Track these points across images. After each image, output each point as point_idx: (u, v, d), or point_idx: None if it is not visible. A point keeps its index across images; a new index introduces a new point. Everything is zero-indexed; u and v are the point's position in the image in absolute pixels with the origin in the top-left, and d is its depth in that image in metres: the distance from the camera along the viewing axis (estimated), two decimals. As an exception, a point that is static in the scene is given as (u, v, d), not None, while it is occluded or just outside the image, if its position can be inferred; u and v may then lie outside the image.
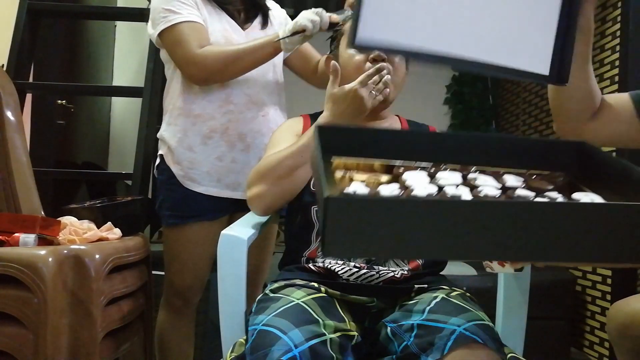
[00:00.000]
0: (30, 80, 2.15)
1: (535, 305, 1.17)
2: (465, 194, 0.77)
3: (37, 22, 2.10)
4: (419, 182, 0.81)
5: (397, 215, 0.57)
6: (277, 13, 1.57)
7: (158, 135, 1.47)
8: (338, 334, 0.88)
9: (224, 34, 1.39)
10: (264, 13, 1.50)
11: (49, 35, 2.44)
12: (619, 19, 2.20)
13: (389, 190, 0.79)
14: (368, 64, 1.20)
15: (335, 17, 1.34)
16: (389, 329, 0.96)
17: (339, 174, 0.91)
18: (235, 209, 1.42)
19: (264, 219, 1.27)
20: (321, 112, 1.33)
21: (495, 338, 0.87)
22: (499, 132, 3.57)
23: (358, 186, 0.81)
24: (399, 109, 1.36)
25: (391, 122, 1.30)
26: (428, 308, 0.94)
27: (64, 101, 2.64)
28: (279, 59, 1.49)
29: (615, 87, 2.21)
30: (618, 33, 2.19)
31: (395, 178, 0.84)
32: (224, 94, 1.40)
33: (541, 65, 0.82)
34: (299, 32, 1.31)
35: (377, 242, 0.58)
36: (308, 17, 1.31)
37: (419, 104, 3.44)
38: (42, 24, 2.16)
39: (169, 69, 1.47)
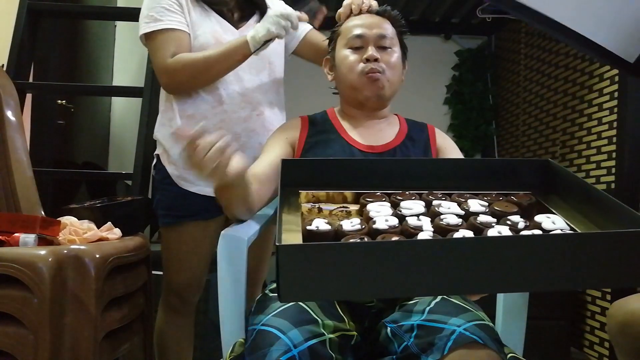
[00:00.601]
0: (30, 80, 2.15)
1: (536, 305, 1.18)
2: (426, 224, 0.82)
3: (37, 22, 2.10)
4: (381, 214, 0.86)
5: (345, 260, 0.64)
6: (277, 8, 1.56)
7: (154, 135, 1.48)
8: (337, 333, 0.88)
9: (214, 35, 1.38)
10: (262, 11, 1.49)
11: (49, 35, 2.44)
12: (619, 19, 2.20)
13: (350, 225, 0.84)
14: (362, 64, 1.20)
15: (303, 15, 1.33)
16: (388, 329, 0.95)
17: (306, 206, 0.94)
18: None
19: (264, 219, 1.27)
20: (321, 113, 1.33)
21: (496, 338, 0.87)
22: (498, 132, 3.57)
23: (320, 222, 0.85)
24: (399, 108, 1.36)
25: (390, 121, 1.30)
26: (428, 308, 0.94)
27: (64, 101, 2.64)
28: (275, 57, 1.48)
29: (616, 86, 2.21)
30: (618, 33, 2.19)
31: (362, 207, 0.90)
32: (216, 94, 1.39)
33: (629, 52, 0.80)
34: (271, 40, 1.31)
35: (329, 285, 0.64)
36: (279, 22, 1.29)
37: (419, 104, 3.44)
38: (42, 24, 2.16)
39: None
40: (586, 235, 0.70)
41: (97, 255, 1.16)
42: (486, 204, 0.89)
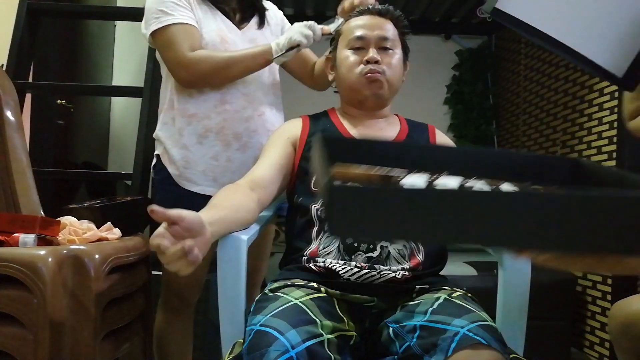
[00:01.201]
0: (30, 80, 2.15)
1: (536, 306, 1.17)
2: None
3: (36, 22, 2.10)
4: (416, 183, 0.81)
5: (397, 202, 0.60)
6: (274, 13, 1.57)
7: (154, 134, 1.47)
8: (336, 334, 0.88)
9: (220, 33, 1.39)
10: (261, 13, 1.50)
11: (49, 35, 2.44)
12: (619, 18, 2.20)
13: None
14: (361, 66, 1.20)
15: (327, 28, 1.36)
16: (390, 329, 0.95)
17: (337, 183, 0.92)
18: None
19: (263, 219, 1.27)
20: (321, 112, 1.33)
21: (499, 339, 0.87)
22: (498, 132, 3.57)
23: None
24: (399, 108, 1.36)
25: (390, 121, 1.30)
26: (431, 309, 0.94)
27: (64, 101, 2.64)
28: None
29: (615, 87, 2.21)
30: (618, 33, 2.19)
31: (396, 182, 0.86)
32: (219, 94, 1.39)
33: (618, 66, 0.82)
34: (294, 48, 1.33)
35: (378, 225, 0.62)
36: (301, 31, 1.32)
37: (419, 104, 3.44)
38: (41, 24, 2.16)
39: (164, 68, 1.47)
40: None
41: (97, 256, 1.16)
42: (516, 188, 0.88)
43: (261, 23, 1.50)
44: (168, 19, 1.34)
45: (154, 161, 1.48)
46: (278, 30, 1.54)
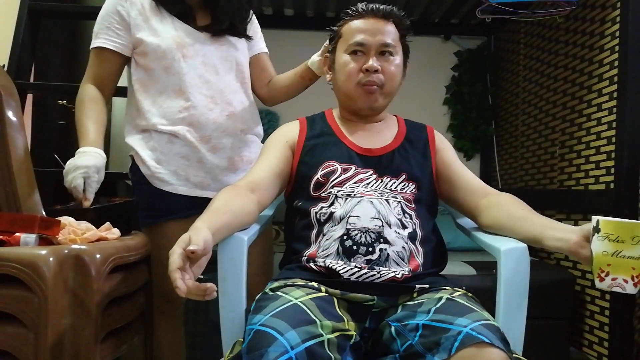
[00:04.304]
0: (31, 80, 2.15)
1: (535, 305, 1.18)
2: None
3: (37, 23, 2.10)
4: None
5: None
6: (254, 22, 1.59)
7: (125, 139, 1.49)
8: (336, 334, 0.88)
9: (176, 40, 1.40)
10: (234, 23, 1.49)
11: (50, 35, 2.45)
12: (618, 19, 2.21)
13: None
14: (361, 75, 1.20)
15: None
16: (392, 328, 0.96)
17: None
18: None
19: (263, 219, 1.28)
20: (318, 114, 1.33)
21: (502, 337, 0.87)
22: (497, 132, 3.57)
23: None
24: (398, 108, 1.36)
25: (388, 123, 1.30)
26: (434, 308, 0.94)
27: (65, 101, 2.64)
28: (242, 57, 1.51)
29: (615, 87, 2.22)
30: (617, 34, 2.20)
31: None
32: (181, 99, 1.40)
33: None
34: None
35: None
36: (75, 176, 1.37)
37: (418, 104, 3.45)
38: (43, 25, 2.16)
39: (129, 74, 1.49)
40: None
41: (98, 255, 1.16)
42: None
43: (237, 28, 1.49)
44: (94, 42, 1.43)
45: (130, 163, 1.49)
46: (249, 31, 1.55)
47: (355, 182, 1.15)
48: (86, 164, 1.31)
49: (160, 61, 1.39)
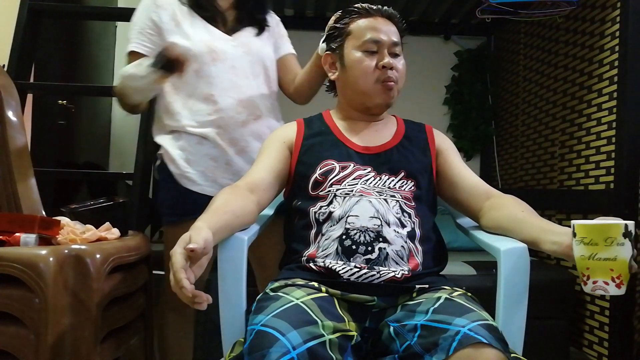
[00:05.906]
0: (31, 80, 2.15)
1: (535, 305, 1.18)
2: None
3: (38, 23, 2.10)
4: None
5: None
6: (269, 18, 1.60)
7: (154, 139, 1.50)
8: (337, 334, 0.88)
9: (206, 44, 1.43)
10: (258, 21, 1.52)
11: (50, 35, 2.45)
12: (618, 19, 2.21)
13: None
14: (378, 72, 1.19)
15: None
16: (391, 328, 0.96)
17: None
18: None
19: (264, 219, 1.28)
20: (316, 116, 1.33)
21: (501, 338, 0.87)
22: (497, 132, 3.57)
23: None
24: (398, 108, 1.36)
25: (387, 122, 1.30)
26: (432, 308, 0.94)
27: (65, 101, 2.64)
28: (269, 62, 1.53)
29: (615, 87, 2.22)
30: (617, 34, 2.20)
31: None
32: (211, 101, 1.43)
33: None
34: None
35: None
36: None
37: (418, 104, 3.45)
38: (43, 25, 2.16)
39: None
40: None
41: (98, 255, 1.17)
42: None
43: (260, 30, 1.53)
44: (128, 47, 1.46)
45: (158, 161, 1.50)
46: (275, 34, 1.58)
47: (354, 179, 1.15)
48: None
49: (191, 64, 1.40)
